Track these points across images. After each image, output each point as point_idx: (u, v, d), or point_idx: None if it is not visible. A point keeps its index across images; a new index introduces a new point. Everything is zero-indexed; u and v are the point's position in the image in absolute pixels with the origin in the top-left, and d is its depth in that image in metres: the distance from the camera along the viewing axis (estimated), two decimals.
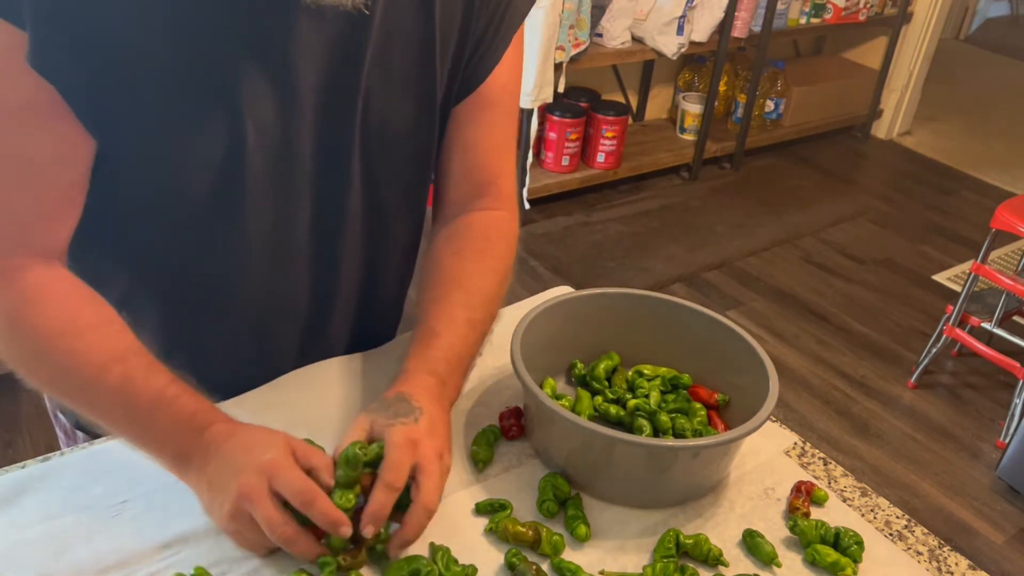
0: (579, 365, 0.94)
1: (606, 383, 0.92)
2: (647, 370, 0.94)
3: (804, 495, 0.82)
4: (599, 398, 0.90)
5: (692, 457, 0.79)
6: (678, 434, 0.86)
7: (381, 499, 0.69)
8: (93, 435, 0.93)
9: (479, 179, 0.91)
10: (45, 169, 0.70)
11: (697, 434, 0.85)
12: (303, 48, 0.73)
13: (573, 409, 0.88)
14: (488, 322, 0.87)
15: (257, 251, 0.82)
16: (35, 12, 0.63)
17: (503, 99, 0.89)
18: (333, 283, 0.90)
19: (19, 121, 0.68)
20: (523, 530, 0.75)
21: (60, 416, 0.99)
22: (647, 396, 0.89)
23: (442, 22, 0.80)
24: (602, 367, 0.93)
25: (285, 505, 0.67)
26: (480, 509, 0.79)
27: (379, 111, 0.80)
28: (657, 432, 0.86)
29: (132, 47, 0.67)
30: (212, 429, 0.72)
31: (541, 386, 0.84)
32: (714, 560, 0.76)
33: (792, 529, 0.79)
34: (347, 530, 0.67)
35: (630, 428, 0.86)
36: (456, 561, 0.72)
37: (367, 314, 0.97)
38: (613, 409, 0.88)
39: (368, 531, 0.68)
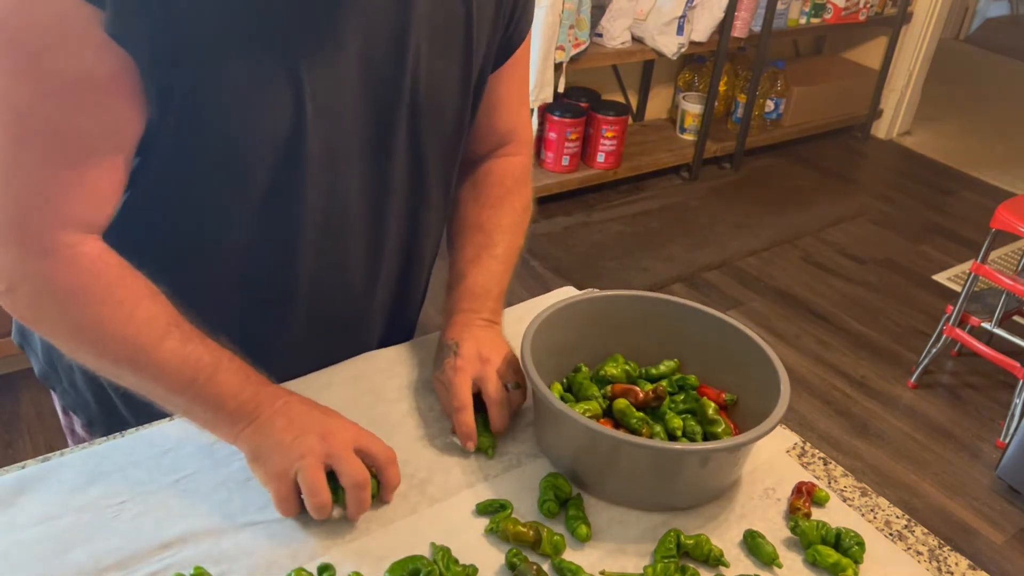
0: (584, 369, 0.93)
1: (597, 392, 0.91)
2: (654, 371, 0.94)
3: (805, 495, 0.82)
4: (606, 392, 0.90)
5: (702, 461, 0.79)
6: (689, 437, 0.86)
7: (460, 419, 0.83)
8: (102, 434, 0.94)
9: (502, 132, 0.98)
10: (97, 145, 0.70)
11: (712, 434, 0.85)
12: (357, 16, 0.74)
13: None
14: (513, 251, 0.96)
15: (313, 226, 0.83)
16: None
17: (525, 54, 0.95)
18: (378, 260, 0.91)
19: (76, 95, 0.67)
20: (524, 530, 0.75)
21: (78, 430, 0.99)
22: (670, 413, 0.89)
23: None
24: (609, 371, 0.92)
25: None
26: (481, 509, 0.78)
27: (425, 81, 0.82)
28: (669, 435, 0.85)
29: (205, 14, 0.67)
30: (273, 387, 0.78)
31: (548, 388, 0.84)
32: (715, 561, 0.76)
33: (793, 530, 0.79)
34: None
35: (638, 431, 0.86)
36: (457, 561, 0.72)
37: (400, 296, 0.98)
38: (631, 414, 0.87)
39: (470, 446, 0.83)
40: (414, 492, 0.80)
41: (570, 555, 0.75)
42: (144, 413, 0.85)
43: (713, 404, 0.87)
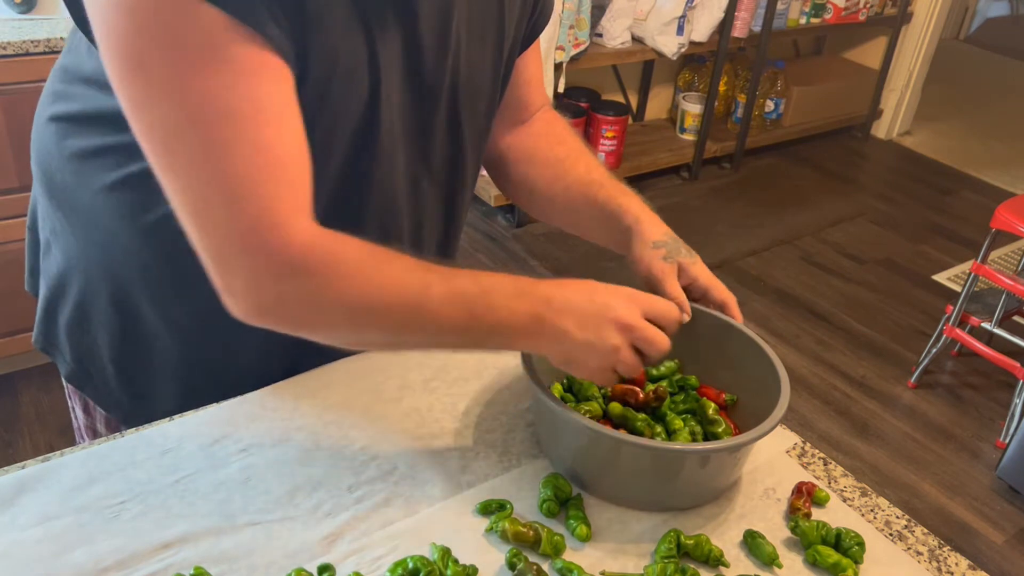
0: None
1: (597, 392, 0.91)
2: (655, 371, 0.94)
3: (805, 496, 0.82)
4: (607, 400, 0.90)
5: (702, 462, 0.79)
6: (691, 438, 0.86)
7: (728, 300, 0.91)
8: (107, 413, 0.96)
9: (537, 105, 1.01)
10: (281, 115, 0.68)
11: (712, 434, 0.85)
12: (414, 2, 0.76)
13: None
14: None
15: (374, 207, 0.84)
16: None
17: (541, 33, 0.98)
18: (419, 244, 0.92)
19: (252, 77, 0.65)
20: (524, 530, 0.75)
21: (100, 428, 0.99)
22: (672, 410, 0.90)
23: None
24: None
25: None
26: (481, 509, 0.78)
27: (464, 66, 0.84)
28: (669, 435, 0.86)
29: None
30: (541, 286, 0.77)
31: (548, 388, 0.84)
32: (715, 561, 0.76)
33: (793, 530, 0.79)
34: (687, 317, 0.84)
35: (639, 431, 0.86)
36: (456, 561, 0.72)
37: None
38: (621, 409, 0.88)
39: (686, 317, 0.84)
40: (414, 492, 0.80)
41: (570, 555, 0.75)
42: (180, 403, 0.86)
43: (713, 404, 0.87)
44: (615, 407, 0.87)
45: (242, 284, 0.69)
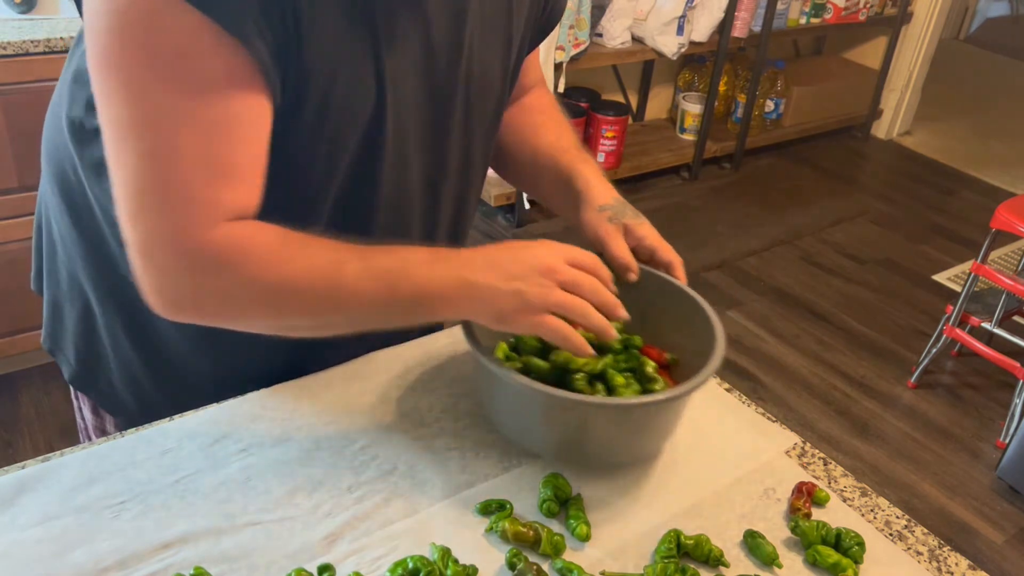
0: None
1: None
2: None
3: (805, 496, 0.82)
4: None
5: (621, 415, 0.79)
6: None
7: (674, 261, 0.90)
8: (112, 415, 0.97)
9: (528, 86, 1.03)
10: (243, 133, 0.69)
11: (649, 391, 0.85)
12: (427, 4, 0.76)
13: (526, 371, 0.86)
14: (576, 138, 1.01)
15: (384, 209, 0.84)
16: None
17: None
18: (430, 244, 0.91)
19: (218, 90, 0.67)
20: (524, 530, 0.75)
21: (104, 415, 0.99)
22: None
23: None
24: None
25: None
26: (481, 509, 0.78)
27: (477, 68, 0.85)
28: (610, 393, 0.85)
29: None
30: (459, 253, 0.77)
31: (494, 351, 0.85)
32: (715, 561, 0.76)
33: (793, 530, 0.79)
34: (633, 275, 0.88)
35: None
36: (456, 561, 0.72)
37: None
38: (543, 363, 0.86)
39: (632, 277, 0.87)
40: (414, 492, 0.80)
41: (570, 555, 0.75)
42: (185, 406, 0.86)
43: (653, 363, 0.88)
44: (538, 362, 0.85)
45: (159, 281, 0.71)
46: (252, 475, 0.79)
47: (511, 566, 0.73)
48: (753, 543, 0.78)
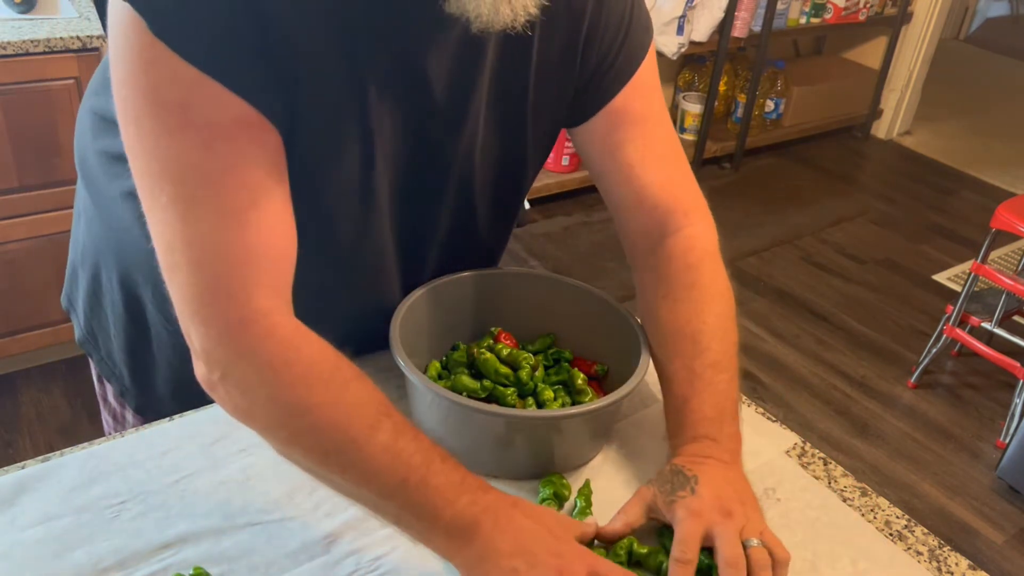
0: (461, 347, 0.93)
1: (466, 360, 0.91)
2: (531, 346, 0.96)
3: None
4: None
5: (525, 427, 0.80)
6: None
7: (679, 573, 0.69)
8: (143, 418, 0.98)
9: (652, 203, 0.89)
10: (264, 185, 0.65)
11: (579, 403, 0.87)
12: (434, 64, 0.74)
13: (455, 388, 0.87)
14: (730, 350, 0.82)
15: (364, 262, 0.84)
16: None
17: (649, 115, 0.90)
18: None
19: (231, 138, 0.64)
20: None
21: (111, 399, 1.03)
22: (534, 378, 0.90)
23: (539, 58, 0.81)
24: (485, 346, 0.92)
25: None
26: None
27: (480, 140, 0.83)
28: (540, 407, 0.86)
29: (297, 44, 0.66)
30: (491, 493, 0.68)
31: (426, 369, 0.88)
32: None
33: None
34: None
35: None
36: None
37: None
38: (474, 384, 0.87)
39: None
40: None
41: None
42: (185, 400, 0.86)
43: (582, 375, 0.90)
44: (465, 380, 0.86)
45: (195, 349, 0.67)
46: (252, 475, 0.79)
47: None
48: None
